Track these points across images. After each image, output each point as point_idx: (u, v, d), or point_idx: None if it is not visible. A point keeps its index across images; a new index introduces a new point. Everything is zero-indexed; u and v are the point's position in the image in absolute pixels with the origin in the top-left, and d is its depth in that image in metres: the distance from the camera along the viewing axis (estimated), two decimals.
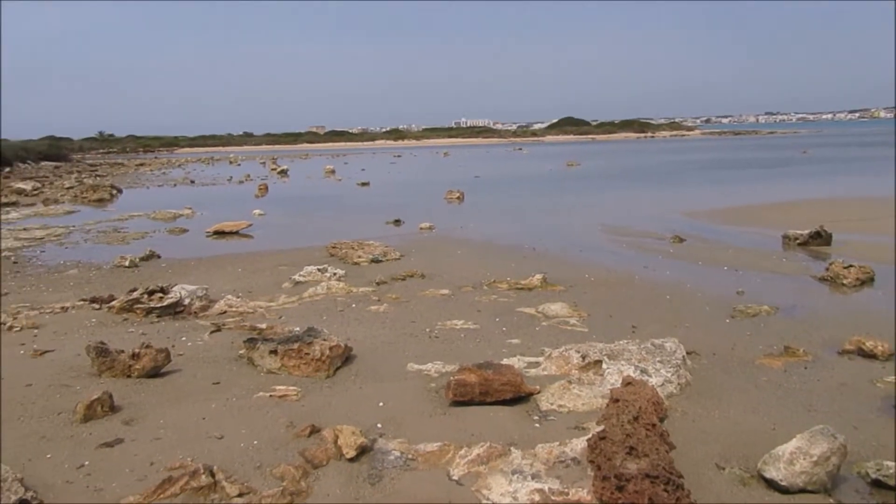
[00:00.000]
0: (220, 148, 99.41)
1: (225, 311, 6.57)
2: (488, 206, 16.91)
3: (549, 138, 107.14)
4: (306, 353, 4.69)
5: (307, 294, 7.23)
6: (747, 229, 11.42)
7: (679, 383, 4.28)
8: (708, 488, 3.08)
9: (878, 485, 3.07)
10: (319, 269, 8.13)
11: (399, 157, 54.56)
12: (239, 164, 46.33)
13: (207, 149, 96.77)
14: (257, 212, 15.75)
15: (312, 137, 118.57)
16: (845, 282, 7.17)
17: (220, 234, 12.55)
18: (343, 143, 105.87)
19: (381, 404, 4.10)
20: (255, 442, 3.58)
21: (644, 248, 9.84)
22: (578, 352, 4.63)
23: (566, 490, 3.01)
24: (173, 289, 6.74)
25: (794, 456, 3.03)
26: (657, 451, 3.04)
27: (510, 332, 5.68)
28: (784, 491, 3.02)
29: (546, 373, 4.57)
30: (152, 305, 6.45)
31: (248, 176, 31.25)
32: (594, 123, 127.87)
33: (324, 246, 10.12)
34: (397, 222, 13.40)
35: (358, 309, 6.63)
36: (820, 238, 9.55)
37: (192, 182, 28.99)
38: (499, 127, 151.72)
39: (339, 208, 17.40)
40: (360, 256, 9.18)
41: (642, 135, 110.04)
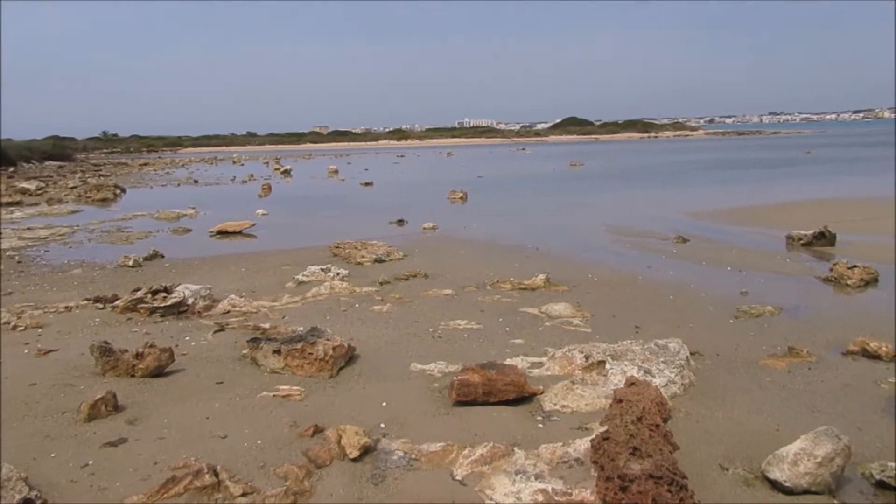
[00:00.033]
0: (224, 148, 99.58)
1: (228, 311, 6.57)
2: (492, 206, 16.91)
3: (553, 138, 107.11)
4: (310, 353, 4.69)
5: (310, 294, 7.24)
6: (751, 229, 11.40)
7: (683, 384, 4.27)
8: (712, 489, 3.08)
9: (882, 486, 3.06)
10: (323, 269, 8.14)
11: (402, 157, 54.57)
12: (242, 164, 46.39)
13: (211, 149, 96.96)
14: (260, 212, 15.76)
15: (316, 137, 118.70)
16: (849, 282, 7.15)
17: (223, 233, 12.56)
18: (346, 143, 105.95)
19: (384, 404, 4.10)
20: (259, 441, 3.59)
21: (647, 249, 9.82)
22: (582, 352, 4.63)
23: (570, 490, 3.01)
24: (177, 288, 6.75)
25: (798, 457, 3.03)
26: (661, 452, 3.04)
27: (513, 333, 5.68)
28: (788, 492, 3.01)
29: (549, 373, 4.56)
30: (156, 305, 6.47)
31: (252, 176, 31.30)
32: (597, 123, 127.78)
33: (327, 246, 10.12)
34: (400, 222, 13.41)
35: (361, 309, 6.64)
36: (824, 238, 9.53)
37: (196, 182, 29.03)
38: (502, 127, 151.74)
39: (342, 208, 17.41)
40: (363, 256, 9.18)
41: (646, 135, 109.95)
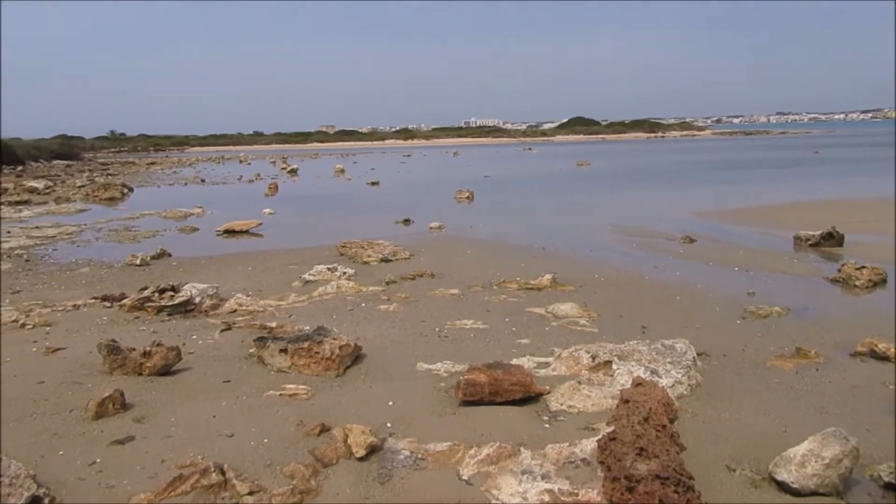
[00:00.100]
0: (231, 147, 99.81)
1: (235, 310, 6.59)
2: (498, 205, 16.89)
3: (559, 138, 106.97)
4: (316, 352, 4.70)
5: (317, 293, 7.25)
6: (758, 230, 11.36)
7: (689, 384, 4.26)
8: (718, 490, 3.07)
9: (891, 488, 3.04)
10: (329, 269, 8.15)
11: (409, 156, 54.58)
12: (249, 164, 46.51)
13: (218, 148, 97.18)
14: (267, 211, 15.80)
15: (322, 137, 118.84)
16: (858, 283, 7.12)
17: (230, 232, 12.60)
18: (353, 143, 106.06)
19: (390, 403, 4.10)
20: (266, 440, 3.59)
21: (654, 249, 9.80)
22: (588, 352, 4.62)
23: (576, 491, 3.00)
24: (184, 287, 6.78)
25: (806, 458, 3.01)
26: (667, 453, 3.03)
27: (520, 332, 5.67)
28: (796, 493, 3.00)
29: (556, 373, 4.56)
30: (163, 304, 6.49)
31: (258, 175, 31.36)
32: (604, 123, 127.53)
33: (334, 245, 10.14)
34: (407, 222, 13.41)
35: (367, 308, 6.64)
36: (832, 239, 9.49)
37: (203, 181, 29.12)
38: (508, 126, 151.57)
39: (348, 207, 17.44)
40: (369, 256, 9.19)
41: (653, 135, 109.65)
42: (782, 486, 3.05)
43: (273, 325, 6.00)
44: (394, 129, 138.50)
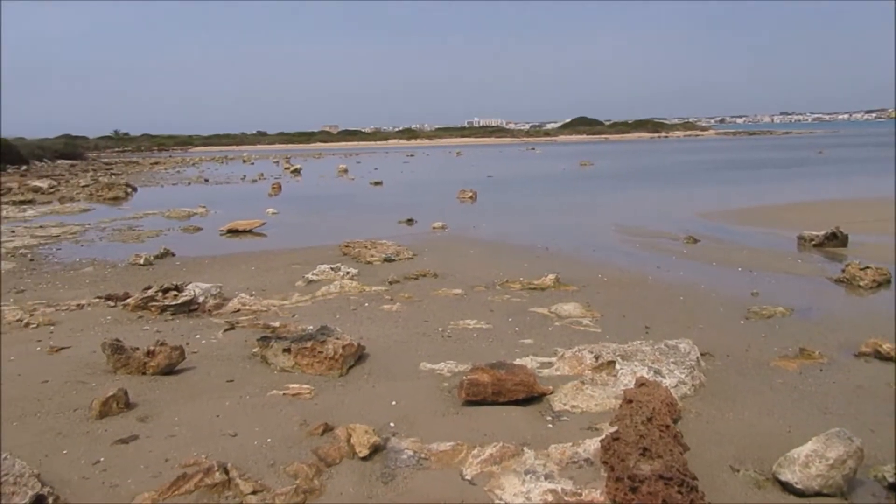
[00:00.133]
0: (234, 147, 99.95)
1: (238, 310, 6.60)
2: (501, 205, 16.89)
3: (562, 138, 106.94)
4: (319, 352, 4.70)
5: (320, 293, 7.25)
6: (762, 230, 11.34)
7: (693, 384, 4.25)
8: (722, 490, 3.07)
9: (895, 489, 3.04)
10: (332, 268, 8.16)
11: (412, 156, 54.60)
12: (252, 163, 46.57)
13: (221, 148, 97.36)
14: (271, 210, 15.82)
15: (325, 137, 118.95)
16: (862, 283, 7.10)
17: (233, 232, 12.61)
18: (356, 143, 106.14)
19: (393, 403, 4.11)
20: (269, 440, 3.60)
21: (658, 249, 9.79)
22: (591, 352, 4.62)
23: (579, 491, 3.00)
24: (187, 287, 6.79)
25: (810, 459, 3.01)
26: (671, 453, 3.03)
27: (523, 332, 5.67)
28: (800, 494, 2.99)
29: (559, 373, 4.55)
30: (167, 303, 6.50)
31: (262, 175, 31.41)
32: (607, 123, 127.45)
33: (337, 245, 10.14)
34: (410, 221, 13.42)
35: (371, 308, 6.65)
36: (836, 239, 9.47)
37: (206, 181, 29.16)
38: (511, 126, 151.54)
39: (351, 207, 17.45)
40: (372, 255, 9.20)
41: (656, 135, 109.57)
42: (786, 487, 3.04)
43: (276, 324, 6.00)
44: (397, 129, 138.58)
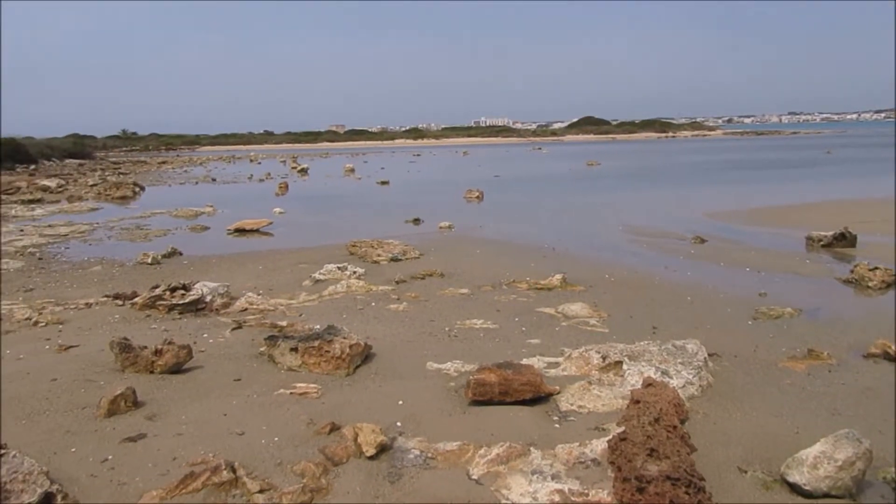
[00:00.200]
0: (241, 146, 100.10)
1: (246, 309, 6.62)
2: (508, 205, 16.88)
3: (569, 138, 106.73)
4: (326, 351, 4.71)
5: (327, 292, 7.27)
6: (770, 230, 11.29)
7: (700, 385, 4.24)
8: (730, 491, 3.06)
9: None
10: (339, 268, 8.17)
11: (418, 156, 54.60)
12: (259, 163, 46.66)
13: (229, 147, 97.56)
14: (278, 210, 15.85)
15: (332, 136, 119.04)
16: (870, 284, 7.07)
17: (240, 231, 12.65)
18: (363, 142, 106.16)
19: (400, 403, 4.11)
20: (276, 438, 3.61)
21: (665, 249, 9.76)
22: (598, 352, 4.61)
23: (586, 491, 3.00)
24: (195, 286, 6.81)
25: (819, 460, 2.99)
26: (678, 454, 3.02)
27: (530, 332, 5.67)
28: (808, 495, 2.98)
29: (566, 373, 4.55)
30: (174, 302, 6.52)
31: (269, 174, 31.47)
32: (614, 123, 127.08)
33: (344, 244, 10.16)
34: (417, 221, 13.42)
35: (377, 307, 6.65)
36: (844, 239, 9.42)
37: (214, 180, 29.24)
38: (518, 126, 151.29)
39: (358, 207, 17.46)
40: (379, 255, 9.20)
41: (663, 135, 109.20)
42: (794, 488, 3.03)
43: (283, 323, 6.02)
44: (403, 129, 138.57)
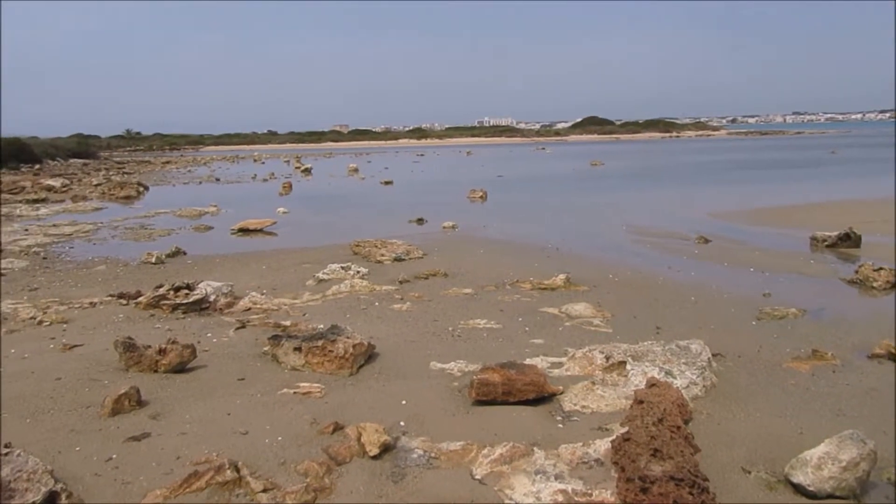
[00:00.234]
0: (245, 146, 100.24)
1: (249, 308, 6.62)
2: (511, 205, 16.88)
3: (573, 138, 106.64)
4: (330, 351, 4.72)
5: (331, 292, 7.27)
6: (774, 230, 11.27)
7: (704, 385, 4.23)
8: (734, 492, 3.05)
9: None
10: (343, 267, 8.17)
11: (422, 155, 54.62)
12: (263, 163, 46.74)
13: (232, 147, 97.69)
14: (281, 210, 15.87)
15: (336, 136, 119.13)
16: (875, 284, 7.04)
17: (244, 231, 12.67)
18: (366, 142, 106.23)
19: (403, 402, 4.11)
20: (280, 438, 3.61)
21: (669, 249, 9.75)
22: (602, 352, 4.61)
23: (590, 491, 2.99)
24: (199, 285, 6.82)
25: (823, 461, 2.99)
26: (682, 454, 3.01)
27: (533, 332, 5.66)
28: (812, 496, 2.97)
29: (569, 373, 4.55)
30: (178, 302, 6.53)
31: (273, 174, 31.51)
32: (618, 123, 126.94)
33: (347, 244, 10.16)
34: (420, 221, 13.42)
35: (381, 307, 6.66)
36: (849, 240, 9.40)
37: (218, 180, 29.29)
38: (522, 126, 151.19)
39: (362, 206, 17.48)
40: (383, 255, 9.21)
41: (667, 135, 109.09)
42: (798, 489, 3.02)
43: (287, 323, 6.03)
44: (407, 129, 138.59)
